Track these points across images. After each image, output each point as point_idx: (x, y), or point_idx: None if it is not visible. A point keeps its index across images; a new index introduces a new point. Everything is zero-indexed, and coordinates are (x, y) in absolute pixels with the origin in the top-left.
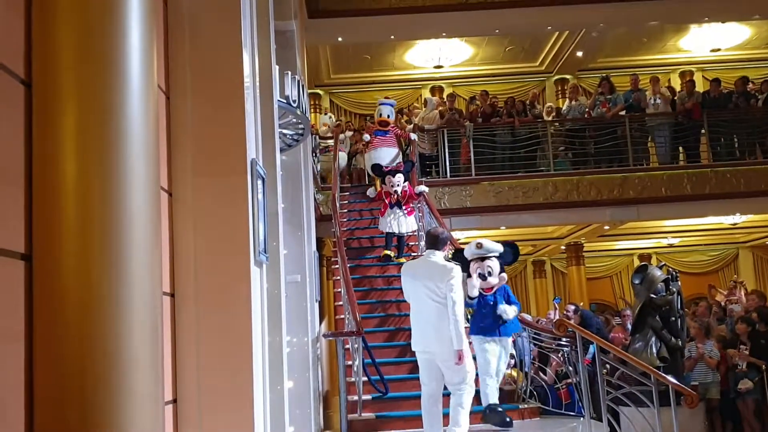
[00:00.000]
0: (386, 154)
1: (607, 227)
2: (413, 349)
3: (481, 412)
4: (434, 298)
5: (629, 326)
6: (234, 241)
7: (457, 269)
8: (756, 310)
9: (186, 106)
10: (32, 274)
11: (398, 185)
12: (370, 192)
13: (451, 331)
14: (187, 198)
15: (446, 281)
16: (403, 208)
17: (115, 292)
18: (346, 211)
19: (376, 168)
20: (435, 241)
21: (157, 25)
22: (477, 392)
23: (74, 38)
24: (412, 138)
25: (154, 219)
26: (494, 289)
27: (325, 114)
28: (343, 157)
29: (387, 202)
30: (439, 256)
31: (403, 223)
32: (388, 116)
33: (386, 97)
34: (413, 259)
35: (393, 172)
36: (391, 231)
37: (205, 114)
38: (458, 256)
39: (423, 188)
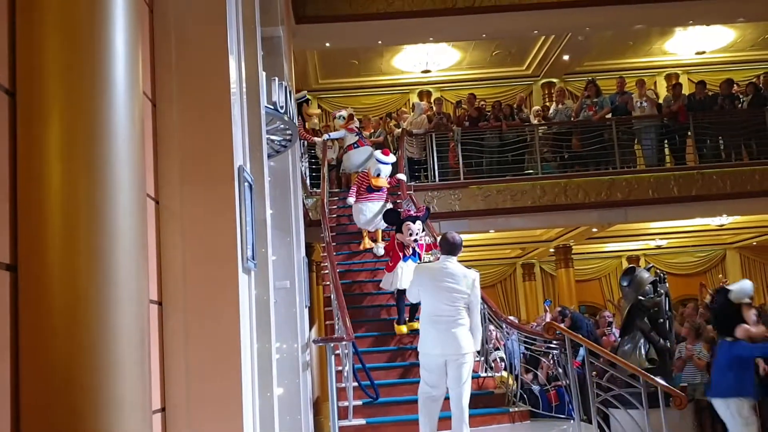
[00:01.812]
0: (373, 208)
1: (595, 230)
2: (425, 351)
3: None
4: (455, 302)
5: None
6: (222, 248)
7: (477, 276)
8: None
9: (172, 114)
10: (18, 284)
11: (417, 234)
12: (378, 249)
13: (476, 335)
14: (175, 205)
15: (472, 288)
16: (421, 261)
17: (102, 301)
18: (335, 216)
19: (392, 215)
20: (452, 248)
21: (142, 33)
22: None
23: (58, 46)
24: (402, 179)
25: (140, 227)
26: None
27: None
28: (367, 149)
29: (401, 254)
30: (455, 262)
31: None
32: (386, 177)
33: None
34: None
35: (412, 219)
36: (402, 288)
37: (192, 121)
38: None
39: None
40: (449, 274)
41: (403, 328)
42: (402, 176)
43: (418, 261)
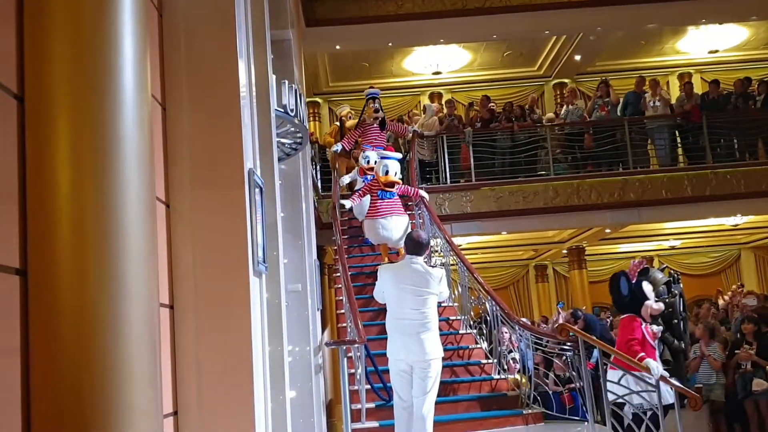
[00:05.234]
0: (397, 225)
1: (608, 230)
2: (390, 356)
3: None
4: (421, 306)
5: None
6: (233, 252)
7: (443, 273)
8: (759, 311)
9: (182, 117)
10: (27, 288)
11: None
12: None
13: (437, 338)
14: (185, 209)
15: (437, 288)
16: None
17: (112, 305)
18: (346, 218)
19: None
20: (418, 247)
21: (152, 36)
22: None
23: (66, 51)
24: (424, 197)
25: (150, 231)
26: None
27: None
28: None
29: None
30: (421, 262)
31: None
32: (396, 174)
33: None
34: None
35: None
36: None
37: (202, 124)
38: None
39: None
40: (413, 275)
41: None
42: (425, 194)
43: None
